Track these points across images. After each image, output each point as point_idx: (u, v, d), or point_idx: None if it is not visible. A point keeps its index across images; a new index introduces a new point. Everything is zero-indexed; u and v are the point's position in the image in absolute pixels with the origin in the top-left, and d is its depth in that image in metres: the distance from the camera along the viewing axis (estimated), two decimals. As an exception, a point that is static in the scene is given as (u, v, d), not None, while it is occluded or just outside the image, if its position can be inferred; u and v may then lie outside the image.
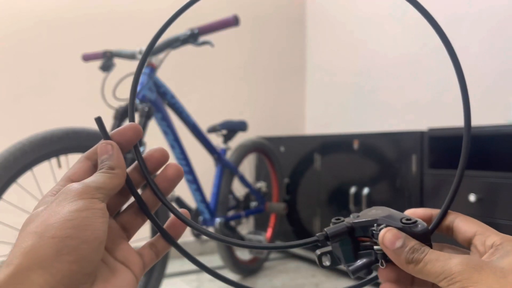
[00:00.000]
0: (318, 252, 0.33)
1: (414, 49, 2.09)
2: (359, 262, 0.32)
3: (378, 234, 0.31)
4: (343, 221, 0.33)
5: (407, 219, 0.31)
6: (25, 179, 1.10)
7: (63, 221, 0.25)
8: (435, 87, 1.99)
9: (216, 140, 1.99)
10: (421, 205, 1.55)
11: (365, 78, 2.37)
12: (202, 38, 1.39)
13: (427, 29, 1.73)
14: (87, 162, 0.31)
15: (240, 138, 2.16)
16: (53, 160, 1.15)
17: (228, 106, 2.49)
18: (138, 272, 0.31)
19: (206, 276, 1.87)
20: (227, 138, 1.87)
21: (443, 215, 0.33)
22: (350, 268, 0.32)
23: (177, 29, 1.65)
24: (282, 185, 2.15)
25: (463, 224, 0.32)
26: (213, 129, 1.84)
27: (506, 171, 1.30)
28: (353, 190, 1.81)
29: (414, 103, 2.08)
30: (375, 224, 0.32)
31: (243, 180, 1.90)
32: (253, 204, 1.96)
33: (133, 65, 1.69)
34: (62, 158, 1.16)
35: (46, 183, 1.35)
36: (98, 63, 1.70)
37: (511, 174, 1.28)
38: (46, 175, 1.28)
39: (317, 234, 0.32)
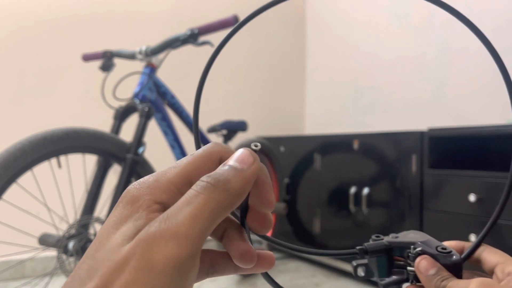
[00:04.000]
0: (355, 263, 0.36)
1: (413, 48, 2.09)
2: (391, 278, 0.35)
3: (413, 257, 0.34)
4: (382, 239, 0.36)
5: (443, 248, 0.34)
6: (25, 179, 1.10)
7: None
8: (435, 87, 1.99)
9: (216, 140, 1.99)
10: (420, 205, 1.55)
11: (365, 78, 2.37)
12: (202, 38, 1.39)
13: (426, 29, 1.73)
14: None
15: (240, 138, 2.16)
16: (53, 160, 1.15)
17: (228, 106, 2.49)
18: None
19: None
20: (227, 138, 1.87)
21: (476, 248, 0.36)
22: (382, 282, 0.35)
23: (177, 29, 1.65)
24: (282, 185, 2.15)
25: (489, 255, 0.35)
26: (213, 129, 1.84)
27: (506, 171, 1.30)
28: (353, 190, 1.80)
29: (414, 103, 2.08)
30: (411, 247, 0.34)
31: (243, 180, 1.90)
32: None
33: (133, 65, 1.69)
34: (62, 158, 1.16)
35: (46, 183, 1.35)
36: (98, 63, 1.70)
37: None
38: (46, 175, 1.28)
39: (357, 248, 0.35)
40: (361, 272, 0.36)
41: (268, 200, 0.26)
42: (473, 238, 1.34)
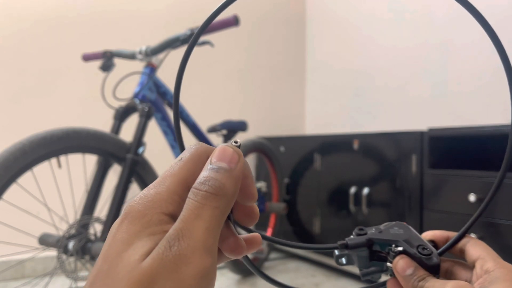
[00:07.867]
0: (337, 252, 0.37)
1: (413, 48, 2.09)
2: (370, 269, 0.36)
3: (393, 255, 0.34)
4: (365, 233, 0.36)
5: (423, 248, 0.34)
6: (25, 179, 1.09)
7: None
8: (435, 87, 1.99)
9: (216, 140, 1.99)
10: (420, 205, 1.55)
11: (365, 77, 2.37)
12: (202, 38, 1.39)
13: (426, 29, 1.73)
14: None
15: (240, 138, 2.16)
16: (53, 160, 1.15)
17: (228, 106, 2.49)
18: None
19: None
20: (227, 138, 1.87)
21: (456, 241, 0.36)
22: (361, 272, 0.36)
23: (177, 29, 1.65)
24: (282, 185, 2.15)
25: (472, 248, 0.35)
26: (213, 129, 1.84)
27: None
28: (353, 190, 1.81)
29: (414, 103, 2.08)
30: (393, 245, 0.35)
31: (243, 180, 1.90)
32: (253, 204, 1.96)
33: (133, 65, 1.69)
34: (62, 158, 1.16)
35: (46, 183, 1.35)
36: (98, 63, 1.70)
37: (511, 174, 1.28)
38: (46, 175, 1.28)
39: (339, 243, 0.36)
40: (343, 261, 0.38)
41: (251, 194, 0.27)
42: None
